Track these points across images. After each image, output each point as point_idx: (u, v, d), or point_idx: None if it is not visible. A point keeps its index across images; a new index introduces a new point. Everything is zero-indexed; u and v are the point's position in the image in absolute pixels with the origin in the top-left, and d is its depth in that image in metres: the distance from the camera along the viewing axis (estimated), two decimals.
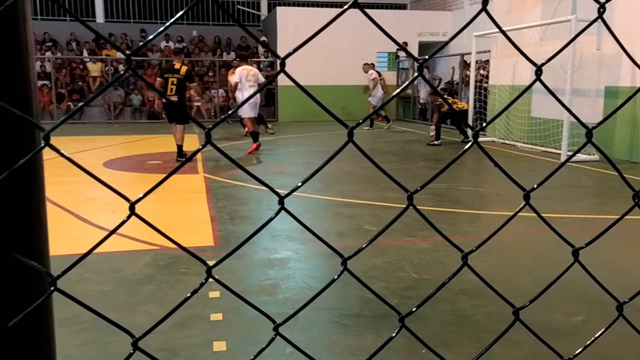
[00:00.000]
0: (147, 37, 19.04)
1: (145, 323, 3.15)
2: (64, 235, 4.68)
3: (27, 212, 0.49)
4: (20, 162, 0.46)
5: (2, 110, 0.46)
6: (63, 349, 2.80)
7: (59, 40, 18.37)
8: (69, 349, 2.82)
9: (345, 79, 16.63)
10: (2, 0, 0.46)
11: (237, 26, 20.64)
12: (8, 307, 0.46)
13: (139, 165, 8.72)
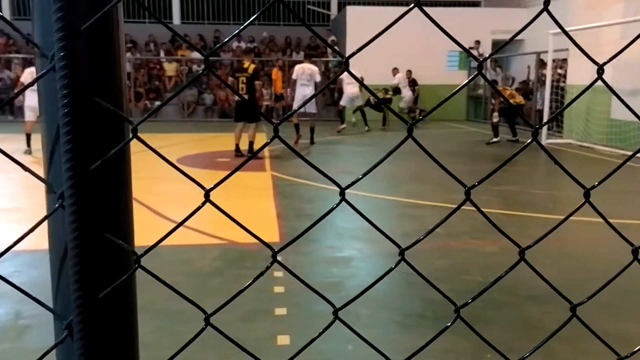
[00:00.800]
0: (221, 37, 19.61)
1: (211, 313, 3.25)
2: (138, 227, 4.90)
3: (116, 197, 0.54)
4: (112, 152, 0.51)
5: (97, 105, 0.51)
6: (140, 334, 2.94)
7: (138, 41, 19.23)
8: (141, 336, 2.96)
9: (415, 78, 16.45)
10: (99, 7, 0.51)
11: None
12: (98, 281, 0.51)
13: (209, 162, 9.01)
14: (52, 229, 0.55)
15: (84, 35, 0.51)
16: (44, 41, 0.52)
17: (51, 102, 0.51)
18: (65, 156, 0.50)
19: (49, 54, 0.51)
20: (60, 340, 0.55)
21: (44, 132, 0.54)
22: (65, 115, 0.50)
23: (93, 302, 0.51)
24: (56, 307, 0.56)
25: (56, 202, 0.52)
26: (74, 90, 0.50)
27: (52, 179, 0.53)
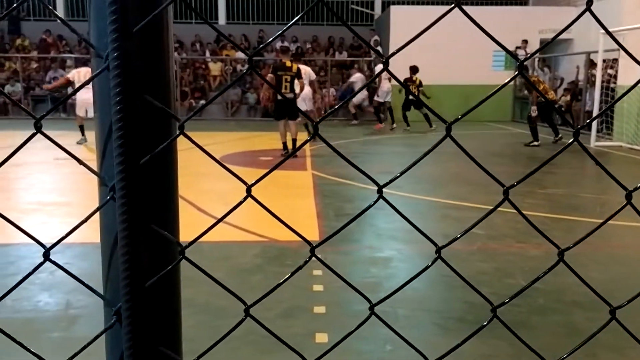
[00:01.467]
0: (265, 37, 19.81)
1: (252, 309, 3.31)
2: (182, 222, 5.03)
3: (163, 190, 0.56)
4: (160, 147, 0.54)
5: (147, 103, 0.53)
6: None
7: (184, 41, 19.63)
8: (183, 330, 3.04)
9: (460, 78, 16.23)
10: (151, 9, 0.53)
11: (350, 26, 20.84)
12: (146, 270, 0.54)
13: (252, 160, 9.13)
14: (103, 220, 0.58)
15: (136, 37, 0.53)
16: (99, 42, 0.55)
17: (105, 99, 0.54)
18: (117, 151, 0.52)
19: (103, 55, 0.53)
20: (109, 326, 0.58)
21: (97, 128, 0.57)
22: (117, 113, 0.52)
23: (140, 290, 0.54)
24: (106, 294, 0.59)
25: (108, 195, 0.55)
26: (126, 88, 0.53)
27: (105, 173, 0.56)
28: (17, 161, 8.74)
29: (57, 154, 8.31)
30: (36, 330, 3.06)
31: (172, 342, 0.58)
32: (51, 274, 3.89)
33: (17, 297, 3.44)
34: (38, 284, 3.70)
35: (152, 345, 0.56)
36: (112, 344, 0.60)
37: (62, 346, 2.86)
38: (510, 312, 3.23)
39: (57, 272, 3.94)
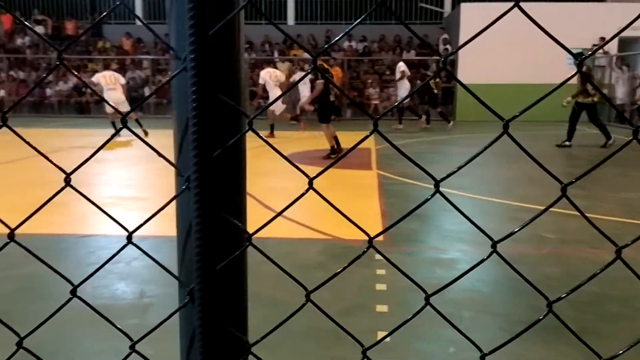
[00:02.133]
0: (332, 37, 19.94)
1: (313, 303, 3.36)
2: (250, 219, 5.17)
3: (233, 182, 0.61)
4: (231, 142, 0.58)
5: (220, 101, 0.58)
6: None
7: (254, 42, 20.08)
8: (250, 323, 3.14)
9: (532, 77, 15.69)
10: (225, 13, 0.58)
11: (418, 24, 20.62)
12: (217, 254, 0.58)
13: (315, 160, 9.22)
14: (179, 208, 0.63)
15: (212, 39, 0.58)
16: (178, 45, 0.60)
17: (182, 98, 0.59)
18: (192, 145, 0.57)
19: (181, 56, 0.59)
20: (183, 305, 0.64)
21: (174, 124, 0.62)
22: (193, 110, 0.57)
23: (211, 272, 0.59)
24: (181, 275, 0.64)
25: (183, 185, 0.60)
26: (201, 88, 0.57)
27: (181, 165, 0.61)
28: (98, 156, 9.24)
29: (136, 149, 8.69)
30: (113, 316, 3.23)
31: (239, 324, 0.63)
32: (127, 265, 4.11)
33: (97, 285, 3.66)
34: (116, 274, 3.92)
35: (221, 325, 0.61)
36: (185, 322, 0.65)
37: (137, 332, 3.02)
38: (579, 319, 3.12)
39: (134, 262, 4.15)
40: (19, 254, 3.54)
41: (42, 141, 10.75)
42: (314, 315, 0.77)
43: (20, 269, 3.88)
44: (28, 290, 3.56)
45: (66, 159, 8.33)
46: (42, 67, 19.65)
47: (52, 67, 0.67)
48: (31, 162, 8.38)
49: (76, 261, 4.12)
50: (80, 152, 9.51)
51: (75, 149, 9.99)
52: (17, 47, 20.36)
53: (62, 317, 3.08)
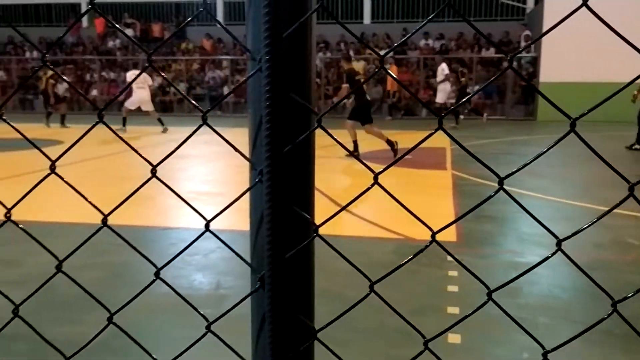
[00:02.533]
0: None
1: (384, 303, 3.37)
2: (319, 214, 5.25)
3: (302, 176, 0.65)
4: (300, 138, 0.62)
5: (291, 99, 0.62)
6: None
7: (330, 41, 20.23)
8: (319, 317, 3.19)
9: (622, 75, 14.82)
10: (298, 16, 0.61)
11: (499, 20, 20.00)
12: (286, 244, 0.62)
13: (389, 158, 9.17)
14: (252, 200, 0.68)
15: (285, 42, 0.62)
16: (254, 47, 0.64)
17: (257, 97, 0.64)
18: (265, 140, 0.61)
19: (257, 58, 0.63)
20: (254, 290, 0.68)
21: (250, 121, 0.67)
22: (267, 108, 0.61)
23: (281, 260, 0.63)
24: (253, 262, 0.69)
25: (256, 178, 0.65)
26: (275, 87, 0.61)
27: (255, 159, 0.66)
28: (181, 153, 9.67)
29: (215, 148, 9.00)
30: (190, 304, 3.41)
31: (306, 310, 0.66)
32: (205, 257, 4.29)
33: (177, 275, 3.85)
34: (194, 265, 4.11)
35: (289, 310, 0.65)
36: (256, 307, 0.70)
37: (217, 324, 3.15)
38: None
39: (211, 255, 4.32)
40: (108, 242, 3.79)
41: (129, 137, 11.37)
42: (383, 314, 0.79)
43: (110, 257, 4.15)
44: (117, 277, 3.80)
45: (152, 154, 8.76)
46: (130, 68, 20.76)
47: (142, 69, 0.73)
48: (121, 157, 8.90)
49: (159, 252, 4.34)
50: (164, 148, 9.97)
51: (159, 145, 10.50)
52: (109, 49, 21.61)
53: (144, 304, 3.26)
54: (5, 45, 22.22)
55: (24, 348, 2.74)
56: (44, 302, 3.17)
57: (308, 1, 0.64)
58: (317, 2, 0.64)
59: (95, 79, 20.34)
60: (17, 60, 21.00)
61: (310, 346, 0.67)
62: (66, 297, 3.43)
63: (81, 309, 3.20)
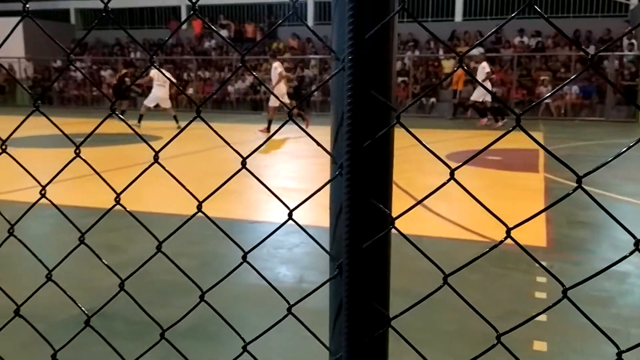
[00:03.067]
0: (502, 33, 19.07)
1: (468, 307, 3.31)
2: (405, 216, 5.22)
3: (380, 170, 0.68)
4: (379, 134, 0.65)
5: (372, 97, 0.65)
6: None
7: (419, 40, 19.96)
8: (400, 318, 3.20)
9: None
10: (381, 18, 0.65)
11: (600, 17, 18.87)
12: (363, 234, 0.66)
13: (479, 160, 8.94)
14: (332, 191, 0.72)
15: (368, 42, 0.65)
16: (338, 47, 0.68)
17: (339, 94, 0.68)
18: (346, 135, 0.65)
19: (340, 58, 0.67)
20: (332, 276, 0.72)
21: (332, 117, 0.71)
22: (348, 105, 0.65)
23: (358, 250, 0.66)
24: (332, 251, 0.73)
25: (336, 171, 0.69)
26: (357, 85, 0.65)
27: (335, 153, 0.70)
28: (268, 150, 9.97)
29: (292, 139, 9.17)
30: (275, 297, 3.52)
31: (381, 298, 0.69)
32: (289, 251, 4.41)
33: (262, 267, 3.99)
34: (278, 258, 4.23)
35: (365, 297, 0.68)
36: (334, 293, 0.74)
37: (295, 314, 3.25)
38: None
39: (295, 249, 4.44)
40: (200, 233, 4.00)
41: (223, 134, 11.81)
42: (466, 317, 0.81)
43: (198, 247, 4.37)
44: (206, 265, 4.00)
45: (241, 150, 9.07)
46: (224, 67, 21.58)
47: (236, 68, 0.79)
48: (214, 153, 9.30)
49: (245, 244, 4.50)
50: (252, 145, 10.31)
51: (248, 142, 10.86)
52: (205, 49, 22.59)
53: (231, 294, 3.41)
54: (113, 46, 23.82)
55: (122, 327, 2.96)
56: (141, 286, 3.41)
57: (391, 3, 0.67)
58: (400, 3, 0.67)
59: (192, 78, 21.35)
60: (124, 60, 22.46)
61: (385, 333, 0.70)
62: (160, 283, 3.66)
63: (173, 294, 3.41)
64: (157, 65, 1.32)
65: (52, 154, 9.04)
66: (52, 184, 0.96)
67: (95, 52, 23.36)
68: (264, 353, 1.09)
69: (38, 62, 22.99)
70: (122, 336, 2.89)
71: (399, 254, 3.18)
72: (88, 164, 1.01)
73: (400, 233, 0.65)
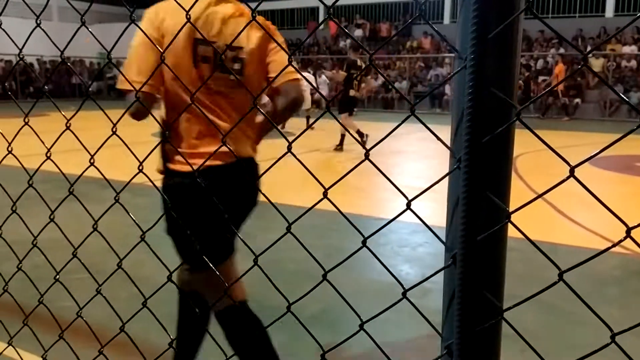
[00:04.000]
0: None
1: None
2: (534, 221, 4.97)
3: (498, 166, 0.70)
4: (498, 130, 0.67)
5: (492, 94, 0.68)
6: (523, 323, 3.06)
7: (566, 36, 18.73)
8: (526, 324, 3.07)
9: None
10: (505, 17, 0.67)
11: None
12: (478, 227, 0.69)
13: (626, 165, 8.20)
14: (450, 184, 0.75)
15: (491, 41, 0.67)
16: (462, 47, 0.71)
17: (461, 91, 0.71)
18: (465, 130, 0.68)
19: (463, 57, 0.70)
20: (446, 266, 0.75)
21: (453, 113, 0.74)
22: (469, 101, 0.68)
23: (472, 241, 0.69)
24: (447, 241, 0.76)
25: (455, 165, 0.72)
26: (477, 83, 0.68)
27: (455, 147, 0.73)
28: (396, 149, 9.98)
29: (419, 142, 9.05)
30: (395, 294, 3.56)
31: (494, 291, 0.71)
32: (413, 250, 4.41)
33: (387, 264, 4.04)
34: (402, 256, 4.26)
35: (477, 287, 0.70)
36: (448, 282, 0.77)
37: (414, 312, 3.25)
38: None
39: (419, 248, 4.43)
40: (323, 227, 4.14)
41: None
42: (600, 332, 0.79)
43: (323, 240, 4.53)
44: (329, 257, 4.13)
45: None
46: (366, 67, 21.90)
47: (363, 68, 0.84)
48: (345, 150, 9.51)
49: (370, 241, 4.59)
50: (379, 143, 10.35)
51: (375, 139, 10.92)
52: (340, 48, 23.08)
53: (354, 287, 3.50)
54: None
55: (254, 308, 3.16)
56: (270, 274, 3.62)
57: (516, 2, 0.68)
58: (526, 2, 0.68)
59: None
60: None
61: (497, 325, 0.72)
62: (288, 272, 3.86)
63: (300, 283, 3.58)
64: (296, 66, 1.43)
65: None
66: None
67: None
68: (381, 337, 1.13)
69: None
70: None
71: (532, 262, 3.07)
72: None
73: (516, 228, 0.66)
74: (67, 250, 1.34)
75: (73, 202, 1.47)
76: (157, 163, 1.80)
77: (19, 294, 1.57)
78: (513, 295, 0.75)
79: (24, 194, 1.53)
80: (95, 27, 17.94)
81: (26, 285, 1.68)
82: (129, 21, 1.11)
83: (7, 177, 1.48)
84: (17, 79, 21.25)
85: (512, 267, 3.98)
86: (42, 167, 1.45)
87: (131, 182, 1.33)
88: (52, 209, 1.36)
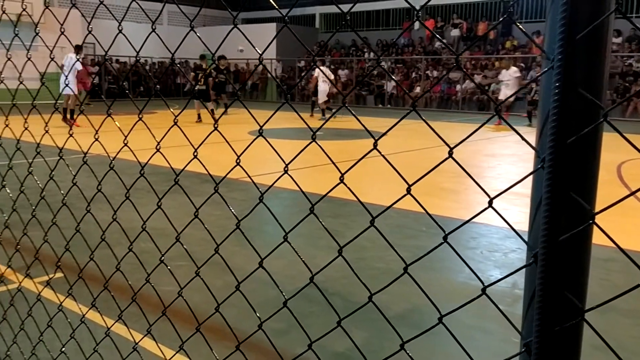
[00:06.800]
0: None
1: None
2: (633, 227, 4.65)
3: (584, 167, 0.70)
4: (584, 131, 0.67)
5: (580, 94, 0.68)
6: (620, 337, 2.90)
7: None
8: (624, 338, 2.90)
9: None
10: (594, 17, 0.67)
11: None
12: (560, 227, 0.69)
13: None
14: (534, 183, 0.76)
15: (579, 42, 0.68)
16: (549, 48, 0.71)
17: (547, 92, 0.71)
18: (550, 131, 0.69)
19: (550, 57, 0.70)
20: (528, 264, 0.76)
21: (539, 113, 0.74)
22: (554, 102, 0.68)
23: (554, 242, 0.69)
24: (529, 240, 0.76)
25: (539, 164, 0.72)
26: (564, 83, 0.68)
27: (540, 147, 0.73)
28: (492, 152, 9.68)
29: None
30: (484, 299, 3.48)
31: (576, 291, 0.71)
32: (504, 255, 4.28)
33: (475, 268, 3.96)
34: (492, 261, 4.15)
35: (558, 287, 0.70)
36: (529, 280, 0.77)
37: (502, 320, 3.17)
38: None
39: (510, 254, 4.30)
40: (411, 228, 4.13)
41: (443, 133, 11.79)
42: None
43: (411, 241, 4.51)
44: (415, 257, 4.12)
45: (462, 148, 8.94)
46: (453, 67, 21.44)
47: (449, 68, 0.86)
48: (430, 152, 9.37)
49: (453, 241, 4.51)
50: (471, 144, 10.09)
51: (470, 142, 10.65)
52: (435, 49, 22.68)
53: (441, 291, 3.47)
54: (350, 47, 25.33)
55: (340, 303, 3.23)
56: (357, 271, 3.67)
57: (607, 2, 0.68)
58: (616, 3, 0.67)
59: (419, 77, 21.63)
60: (357, 60, 23.75)
61: (577, 326, 0.72)
62: (374, 270, 3.89)
63: (386, 280, 3.59)
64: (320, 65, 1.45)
65: (289, 144, 10.05)
66: (290, 171, 1.15)
67: (334, 52, 25.10)
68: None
69: (286, 63, 25.55)
70: (340, 312, 3.17)
71: (633, 274, 2.93)
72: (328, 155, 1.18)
73: (600, 229, 0.66)
74: (167, 239, 1.46)
75: (174, 193, 1.59)
76: None
77: (127, 276, 1.72)
78: (608, 306, 0.73)
79: (133, 185, 1.68)
80: (200, 30, 19.03)
81: (133, 268, 1.83)
82: (231, 25, 1.19)
83: (118, 169, 1.63)
84: (130, 79, 22.77)
85: (611, 277, 3.77)
86: (143, 161, 1.58)
87: (227, 178, 1.43)
88: (159, 198, 1.48)
